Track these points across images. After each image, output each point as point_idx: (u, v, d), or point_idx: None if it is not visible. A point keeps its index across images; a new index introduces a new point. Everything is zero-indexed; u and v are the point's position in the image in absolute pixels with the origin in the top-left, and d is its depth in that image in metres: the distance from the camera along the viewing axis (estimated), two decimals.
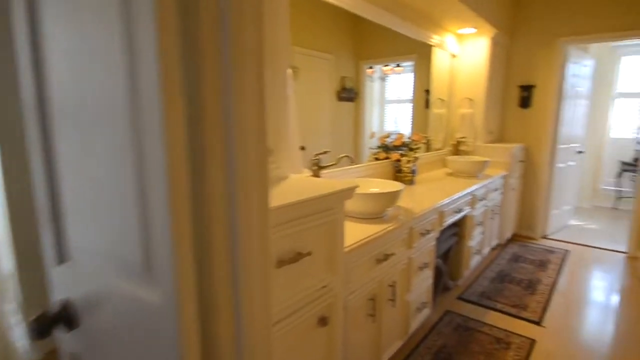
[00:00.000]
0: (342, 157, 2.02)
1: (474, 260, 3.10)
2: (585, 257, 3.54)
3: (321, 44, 2.17)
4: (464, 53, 3.66)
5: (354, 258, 1.49)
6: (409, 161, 2.75)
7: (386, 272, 1.76)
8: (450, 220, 2.47)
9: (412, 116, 3.37)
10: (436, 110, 3.58)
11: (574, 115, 3.97)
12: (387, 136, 2.94)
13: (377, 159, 2.88)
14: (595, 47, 4.68)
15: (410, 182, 2.79)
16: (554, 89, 3.67)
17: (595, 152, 5.27)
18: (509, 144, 3.76)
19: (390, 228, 1.71)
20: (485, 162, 3.16)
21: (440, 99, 3.62)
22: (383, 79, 2.97)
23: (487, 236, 3.32)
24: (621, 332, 2.36)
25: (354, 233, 1.59)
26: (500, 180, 3.44)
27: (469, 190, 2.68)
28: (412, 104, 3.35)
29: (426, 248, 2.17)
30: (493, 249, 3.62)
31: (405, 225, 1.87)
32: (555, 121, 3.73)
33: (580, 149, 4.22)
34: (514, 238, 4.03)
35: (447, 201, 2.33)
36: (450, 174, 3.28)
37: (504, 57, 3.88)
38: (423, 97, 3.44)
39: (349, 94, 2.52)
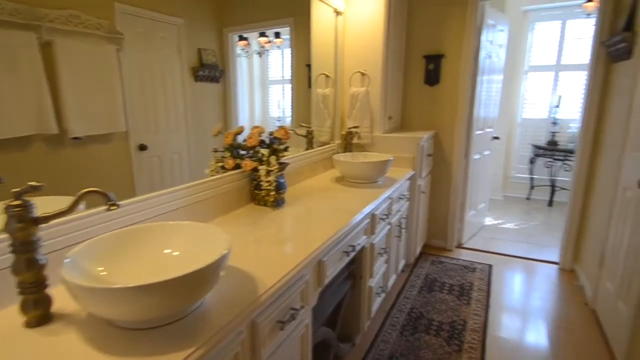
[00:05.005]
0: (84, 193, 0.95)
1: (377, 303, 2.33)
2: (512, 273, 3.02)
3: (164, 3, 1.58)
4: (351, 9, 2.80)
5: None
6: (269, 172, 1.80)
7: None
8: (337, 268, 1.60)
9: (293, 100, 2.48)
10: (320, 90, 2.69)
11: (488, 93, 3.43)
12: (240, 131, 1.95)
13: (223, 168, 1.90)
14: (507, 10, 4.23)
15: (276, 204, 1.85)
16: (468, 60, 3.00)
17: (506, 136, 4.89)
18: (413, 132, 3.05)
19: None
20: (387, 161, 2.35)
21: (324, 74, 2.72)
22: (262, 53, 2.24)
23: (392, 263, 2.57)
24: None
25: None
26: (406, 183, 2.71)
27: (367, 210, 1.84)
28: (291, 85, 2.46)
29: (291, 343, 1.26)
30: (401, 271, 2.93)
31: (240, 324, 0.91)
32: (470, 101, 3.11)
33: (495, 135, 3.73)
34: (424, 251, 3.40)
35: (332, 240, 1.44)
36: (340, 180, 2.43)
37: (403, 18, 3.14)
38: (305, 74, 2.55)
39: (212, 72, 1.89)
